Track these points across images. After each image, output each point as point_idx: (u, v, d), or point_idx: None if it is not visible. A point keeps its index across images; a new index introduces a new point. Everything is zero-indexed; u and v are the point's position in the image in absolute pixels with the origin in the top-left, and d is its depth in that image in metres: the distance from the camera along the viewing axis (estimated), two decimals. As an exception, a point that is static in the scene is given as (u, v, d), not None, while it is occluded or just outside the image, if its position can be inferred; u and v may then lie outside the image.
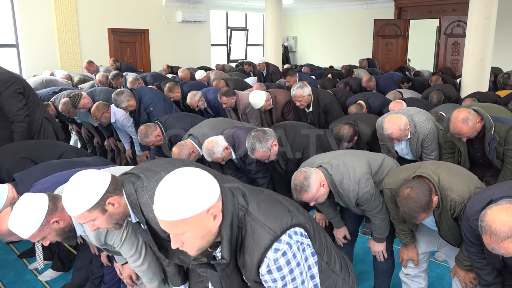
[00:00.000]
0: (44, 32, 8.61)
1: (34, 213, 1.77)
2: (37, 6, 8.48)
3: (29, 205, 1.79)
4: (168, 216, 1.18)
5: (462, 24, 9.68)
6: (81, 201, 1.57)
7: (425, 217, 2.00)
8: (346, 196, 2.32)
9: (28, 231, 1.77)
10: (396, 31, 11.08)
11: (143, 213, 1.67)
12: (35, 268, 3.33)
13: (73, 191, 1.58)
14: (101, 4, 9.39)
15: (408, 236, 2.37)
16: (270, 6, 9.05)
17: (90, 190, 1.58)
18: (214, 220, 1.25)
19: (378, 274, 2.73)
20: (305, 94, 4.11)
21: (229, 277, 1.35)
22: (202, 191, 1.20)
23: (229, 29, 12.92)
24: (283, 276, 1.29)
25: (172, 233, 1.23)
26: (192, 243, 1.24)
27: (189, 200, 1.18)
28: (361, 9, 12.17)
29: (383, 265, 2.66)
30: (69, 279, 3.08)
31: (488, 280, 1.98)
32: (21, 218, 1.76)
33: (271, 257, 1.27)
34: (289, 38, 13.95)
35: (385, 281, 2.72)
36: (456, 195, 2.02)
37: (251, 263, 1.29)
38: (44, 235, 1.82)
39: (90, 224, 1.63)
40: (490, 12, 5.88)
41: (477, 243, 1.92)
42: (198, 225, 1.21)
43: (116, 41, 9.85)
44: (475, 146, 2.98)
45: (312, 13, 13.42)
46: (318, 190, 2.22)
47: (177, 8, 10.88)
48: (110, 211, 1.63)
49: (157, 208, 1.20)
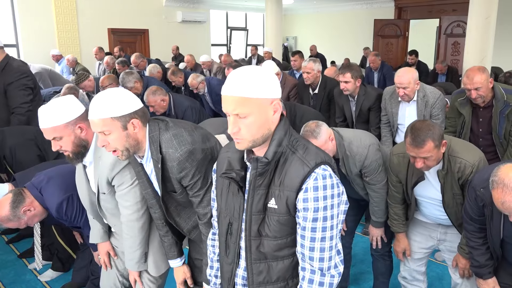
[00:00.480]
0: (44, 32, 8.61)
1: (69, 109, 1.86)
2: (37, 6, 8.49)
3: (68, 102, 1.88)
4: (238, 91, 1.21)
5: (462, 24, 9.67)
6: (111, 106, 1.57)
7: (431, 150, 1.94)
8: (352, 160, 2.30)
9: (56, 120, 1.84)
10: (396, 31, 11.08)
11: (161, 150, 1.66)
12: (35, 268, 3.33)
13: (107, 96, 1.59)
14: (101, 4, 9.40)
15: (401, 223, 2.34)
16: (270, 6, 9.06)
17: (123, 101, 1.60)
18: (274, 115, 1.27)
19: (377, 275, 2.73)
20: (315, 69, 4.12)
21: (257, 189, 1.31)
22: (272, 81, 1.26)
23: (229, 29, 12.93)
24: (326, 196, 1.25)
25: (235, 113, 1.23)
26: (250, 129, 1.25)
27: (260, 84, 1.23)
28: (361, 9, 12.17)
29: (382, 266, 2.67)
30: (69, 279, 3.08)
31: (480, 261, 1.99)
32: (55, 108, 1.84)
33: (320, 172, 1.26)
34: (289, 38, 13.96)
35: (384, 282, 2.72)
36: (467, 158, 2.03)
37: (295, 177, 1.26)
38: (63, 134, 1.86)
39: (102, 137, 1.61)
40: (490, 12, 5.88)
41: (476, 219, 1.93)
42: (260, 110, 1.24)
43: (116, 41, 9.85)
44: (480, 119, 2.97)
45: (312, 13, 13.42)
46: (326, 141, 2.23)
47: (177, 8, 10.89)
48: (129, 132, 1.62)
49: (228, 84, 1.23)
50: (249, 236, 1.34)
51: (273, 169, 1.30)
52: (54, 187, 2.28)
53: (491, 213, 1.84)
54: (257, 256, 1.34)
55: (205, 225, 1.77)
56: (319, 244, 1.28)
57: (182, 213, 1.88)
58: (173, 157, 1.65)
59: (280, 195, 1.29)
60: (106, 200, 2.00)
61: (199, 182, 1.70)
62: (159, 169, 1.68)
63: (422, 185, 2.17)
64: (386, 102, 3.51)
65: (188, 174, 1.67)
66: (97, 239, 2.21)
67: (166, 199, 1.82)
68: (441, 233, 2.30)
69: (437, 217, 2.25)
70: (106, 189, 1.94)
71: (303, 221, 1.28)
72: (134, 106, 1.63)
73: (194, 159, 1.66)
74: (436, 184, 2.12)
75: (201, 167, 1.69)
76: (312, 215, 1.26)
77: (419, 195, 2.23)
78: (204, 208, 1.75)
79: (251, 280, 1.36)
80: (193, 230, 1.92)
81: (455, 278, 2.31)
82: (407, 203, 2.32)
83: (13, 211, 2.22)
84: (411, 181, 2.17)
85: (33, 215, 2.30)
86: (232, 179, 1.36)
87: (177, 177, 1.69)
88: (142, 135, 1.67)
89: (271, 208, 1.31)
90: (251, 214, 1.32)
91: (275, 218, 1.30)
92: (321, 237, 1.27)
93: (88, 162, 2.00)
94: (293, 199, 1.28)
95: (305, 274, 1.30)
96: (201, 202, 1.74)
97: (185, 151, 1.65)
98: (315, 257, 1.28)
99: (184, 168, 1.66)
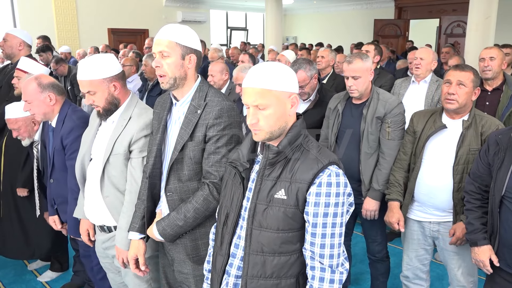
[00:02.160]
0: (44, 32, 8.59)
1: (108, 66, 1.94)
2: (37, 6, 8.49)
3: (107, 59, 1.95)
4: (259, 83, 1.28)
5: (462, 24, 9.69)
6: (181, 34, 1.68)
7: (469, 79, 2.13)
8: (383, 103, 2.38)
9: (94, 74, 1.90)
10: (396, 31, 11.09)
11: (206, 98, 1.73)
12: (35, 268, 3.34)
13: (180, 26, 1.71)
14: (101, 4, 9.40)
15: (399, 191, 2.33)
16: (270, 6, 9.06)
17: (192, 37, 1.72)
18: (291, 108, 1.33)
19: (376, 275, 2.73)
20: (329, 57, 4.21)
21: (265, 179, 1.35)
22: (291, 76, 1.34)
23: (229, 29, 12.93)
24: (338, 193, 1.30)
25: (255, 104, 1.29)
26: (268, 121, 1.30)
27: (280, 77, 1.30)
28: (361, 9, 12.18)
29: (381, 267, 2.67)
30: (68, 279, 3.09)
31: (475, 224, 1.96)
32: (96, 62, 1.91)
33: (333, 169, 1.30)
34: (289, 38, 13.96)
35: (384, 282, 2.73)
36: (493, 119, 2.18)
37: (308, 170, 1.30)
38: (97, 90, 1.92)
39: (158, 60, 1.67)
40: (490, 12, 5.89)
41: (479, 176, 1.97)
42: (279, 103, 1.30)
43: (116, 41, 9.85)
44: (487, 103, 2.98)
45: (312, 13, 13.43)
46: (368, 69, 2.35)
47: (177, 8, 10.89)
48: (185, 63, 1.69)
49: (250, 77, 1.30)
50: (250, 225, 1.35)
51: (285, 163, 1.33)
52: (77, 117, 2.36)
53: (501, 161, 1.85)
54: (255, 247, 1.35)
55: (210, 185, 1.70)
56: (329, 241, 1.30)
57: (178, 171, 1.76)
58: (217, 103, 1.70)
59: (291, 187, 1.31)
60: (114, 165, 1.97)
61: (226, 137, 1.69)
62: (195, 115, 1.70)
63: (438, 139, 2.18)
64: (396, 86, 3.58)
65: (221, 123, 1.68)
66: (79, 214, 2.21)
67: (177, 150, 1.74)
68: (434, 231, 2.29)
69: (435, 190, 2.20)
70: (124, 149, 1.95)
71: (313, 217, 1.29)
72: (196, 46, 1.72)
73: (232, 115, 1.71)
74: (455, 138, 2.14)
75: (233, 126, 1.71)
76: (323, 210, 1.28)
77: (430, 150, 2.20)
78: (217, 168, 1.70)
79: (246, 271, 1.37)
80: (174, 193, 1.78)
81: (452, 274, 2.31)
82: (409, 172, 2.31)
83: (42, 87, 2.29)
84: (429, 130, 2.20)
85: (45, 112, 2.34)
86: (236, 168, 1.41)
87: (210, 122, 1.68)
88: (190, 78, 1.74)
89: (278, 199, 1.32)
90: (256, 202, 1.34)
91: (282, 210, 1.32)
92: (331, 233, 1.30)
93: (111, 121, 2.02)
94: (304, 192, 1.30)
95: (315, 273, 1.31)
96: (218, 161, 1.69)
97: (230, 104, 1.72)
98: (325, 254, 1.30)
99: (221, 116, 1.68)
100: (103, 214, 2.04)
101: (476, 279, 2.30)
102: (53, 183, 2.43)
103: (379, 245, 2.62)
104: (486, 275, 2.00)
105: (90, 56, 1.96)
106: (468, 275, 2.25)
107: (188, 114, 1.71)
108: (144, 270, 1.89)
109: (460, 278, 2.26)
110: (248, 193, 1.40)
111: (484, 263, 1.92)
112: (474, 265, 2.16)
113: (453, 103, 2.11)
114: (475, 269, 2.26)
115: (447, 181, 2.15)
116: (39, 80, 2.30)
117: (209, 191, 1.70)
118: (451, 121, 2.17)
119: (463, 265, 2.24)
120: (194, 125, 1.69)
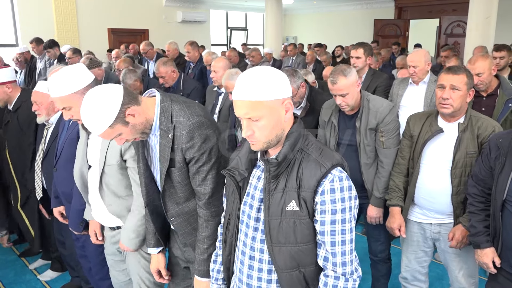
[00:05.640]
0: (44, 32, 8.59)
1: (78, 80, 1.83)
2: (37, 6, 8.49)
3: (75, 72, 1.85)
4: (249, 96, 1.22)
5: (462, 24, 9.69)
6: (101, 119, 1.50)
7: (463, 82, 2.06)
8: (374, 114, 2.33)
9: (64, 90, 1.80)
10: (396, 31, 11.10)
11: (172, 119, 1.62)
12: (35, 267, 3.34)
13: (90, 111, 1.51)
14: (101, 4, 9.40)
15: (400, 196, 2.32)
16: (270, 6, 9.06)
17: (106, 105, 1.50)
18: (286, 114, 1.28)
19: (378, 276, 2.73)
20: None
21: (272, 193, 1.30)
22: (282, 80, 1.25)
23: (229, 29, 12.93)
24: (343, 198, 1.26)
25: (248, 117, 1.24)
26: (263, 131, 1.26)
27: (271, 85, 1.22)
28: (361, 9, 12.18)
29: (383, 268, 2.67)
30: (68, 279, 3.09)
31: (477, 227, 1.96)
32: (63, 77, 1.81)
33: (336, 174, 1.26)
34: (289, 38, 13.95)
35: (385, 283, 2.73)
36: (489, 120, 2.14)
37: (311, 177, 1.26)
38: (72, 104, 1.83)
39: (117, 139, 1.57)
40: (490, 12, 5.89)
41: (481, 180, 1.96)
42: (272, 112, 1.24)
43: (116, 41, 9.85)
44: (482, 109, 2.91)
45: (312, 13, 13.43)
46: (353, 84, 2.27)
47: (177, 8, 10.89)
48: (132, 122, 1.56)
49: (238, 89, 1.23)
50: (270, 243, 1.32)
51: (288, 172, 1.30)
52: None
53: (502, 165, 1.85)
54: (281, 264, 1.32)
55: (204, 206, 1.70)
56: (340, 248, 1.29)
57: (173, 196, 1.78)
58: (184, 125, 1.61)
59: (301, 196, 1.28)
60: (110, 174, 1.96)
61: (204, 156, 1.64)
62: (168, 140, 1.63)
63: (434, 143, 2.16)
64: (394, 87, 3.54)
65: (195, 145, 1.62)
66: (88, 216, 2.22)
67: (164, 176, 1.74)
68: (434, 232, 2.29)
69: (435, 193, 2.20)
70: (116, 159, 1.92)
71: (321, 226, 1.28)
72: (117, 100, 1.51)
73: (203, 131, 1.62)
74: (451, 141, 2.12)
75: (208, 141, 1.64)
76: (330, 217, 1.26)
77: (428, 155, 2.19)
78: (205, 186, 1.68)
79: None
80: (177, 217, 1.81)
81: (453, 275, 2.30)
82: (409, 177, 2.30)
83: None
84: (425, 136, 2.17)
85: None
86: (232, 177, 1.38)
87: (183, 147, 1.62)
88: (143, 112, 1.60)
89: (290, 211, 1.29)
90: (268, 220, 1.31)
91: (297, 222, 1.29)
92: (341, 240, 1.28)
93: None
94: (311, 200, 1.28)
95: (328, 281, 1.30)
96: (203, 180, 1.68)
97: (197, 120, 1.62)
98: (337, 262, 1.29)
99: (193, 138, 1.61)
100: (110, 218, 2.08)
101: (477, 280, 2.30)
102: (56, 173, 2.42)
103: (382, 245, 2.61)
104: (488, 274, 2.02)
105: (58, 71, 1.84)
106: (469, 277, 2.25)
107: (162, 140, 1.66)
108: (168, 279, 1.97)
109: (461, 280, 2.26)
110: (246, 198, 1.39)
111: (487, 265, 1.93)
112: (475, 266, 2.18)
113: (448, 107, 2.09)
114: (476, 270, 2.27)
115: (446, 184, 2.15)
116: None
117: (206, 213, 1.69)
118: (447, 124, 2.16)
119: (464, 267, 2.24)
120: (170, 150, 1.65)
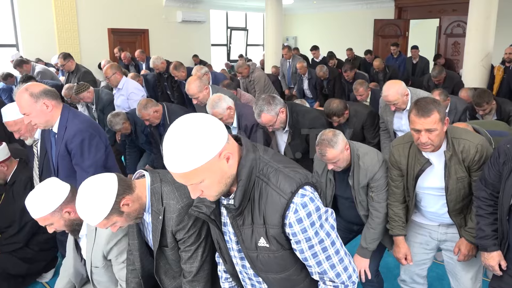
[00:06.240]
0: (44, 32, 8.61)
1: (52, 198, 1.85)
2: (37, 6, 8.48)
3: (50, 189, 1.87)
4: (180, 168, 1.14)
5: (462, 24, 9.69)
6: (96, 211, 1.55)
7: (436, 122, 1.94)
8: (364, 172, 2.31)
9: (41, 211, 1.84)
10: (396, 31, 11.09)
11: (162, 201, 1.65)
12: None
13: (85, 203, 1.56)
14: (101, 4, 9.39)
15: (401, 225, 2.30)
16: (270, 6, 9.05)
17: (101, 198, 1.55)
18: (228, 162, 1.21)
19: None
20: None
21: (242, 229, 1.31)
22: (209, 136, 1.15)
23: (229, 29, 12.93)
24: (312, 223, 1.24)
25: (189, 184, 1.19)
26: (211, 189, 1.21)
27: (198, 149, 1.13)
28: (361, 9, 12.17)
29: (374, 285, 2.57)
30: (69, 279, 3.08)
31: (486, 230, 1.98)
32: (38, 199, 1.84)
33: (298, 201, 1.22)
34: (289, 38, 13.95)
35: None
36: (470, 139, 2.05)
37: (274, 212, 1.24)
38: (52, 221, 1.88)
39: (112, 227, 1.62)
40: (490, 12, 5.89)
41: (490, 184, 1.96)
42: (212, 171, 1.17)
43: (116, 41, 9.85)
44: None
45: (312, 13, 13.42)
46: (342, 151, 2.25)
47: (177, 8, 10.89)
48: (127, 211, 1.61)
49: (168, 162, 1.15)
50: (257, 271, 1.38)
51: (251, 206, 1.28)
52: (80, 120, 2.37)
53: (509, 171, 1.86)
54: (278, 285, 1.39)
55: (188, 283, 1.75)
56: (328, 264, 1.30)
57: (169, 272, 1.86)
58: (174, 208, 1.64)
59: (268, 232, 1.28)
60: (99, 274, 2.02)
61: (192, 237, 1.69)
62: (159, 221, 1.67)
63: (424, 175, 2.16)
64: (382, 110, 3.52)
65: (185, 227, 1.67)
66: None
67: (157, 254, 1.79)
68: (441, 233, 2.28)
69: (437, 213, 2.23)
70: (101, 262, 1.97)
71: (301, 254, 1.30)
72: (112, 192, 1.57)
73: (191, 215, 1.61)
74: (440, 170, 2.11)
75: (197, 222, 1.69)
76: (307, 244, 1.27)
77: (421, 186, 2.20)
78: (191, 265, 1.73)
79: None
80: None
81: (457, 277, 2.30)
82: (407, 203, 2.30)
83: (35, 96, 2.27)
84: (415, 170, 2.16)
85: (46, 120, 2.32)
86: (202, 213, 1.36)
87: (173, 229, 1.68)
88: (137, 198, 1.64)
89: (263, 247, 1.31)
90: (247, 252, 1.35)
91: (271, 256, 1.32)
92: (326, 257, 1.29)
93: (82, 235, 2.01)
94: (280, 234, 1.27)
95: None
96: (190, 258, 1.72)
97: (186, 203, 1.65)
98: (331, 276, 1.31)
99: (182, 221, 1.66)
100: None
101: (481, 282, 2.32)
102: None
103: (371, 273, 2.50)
104: (493, 273, 2.05)
105: (34, 193, 1.87)
106: (475, 279, 2.26)
107: (153, 220, 1.70)
108: None
109: (466, 282, 2.26)
110: (224, 228, 1.40)
111: (493, 268, 1.96)
112: (480, 268, 2.22)
113: (428, 147, 2.04)
114: (481, 272, 2.29)
115: (443, 208, 2.19)
116: (30, 90, 2.24)
117: None
118: (432, 154, 2.12)
119: (471, 270, 2.25)
120: (160, 230, 1.68)
